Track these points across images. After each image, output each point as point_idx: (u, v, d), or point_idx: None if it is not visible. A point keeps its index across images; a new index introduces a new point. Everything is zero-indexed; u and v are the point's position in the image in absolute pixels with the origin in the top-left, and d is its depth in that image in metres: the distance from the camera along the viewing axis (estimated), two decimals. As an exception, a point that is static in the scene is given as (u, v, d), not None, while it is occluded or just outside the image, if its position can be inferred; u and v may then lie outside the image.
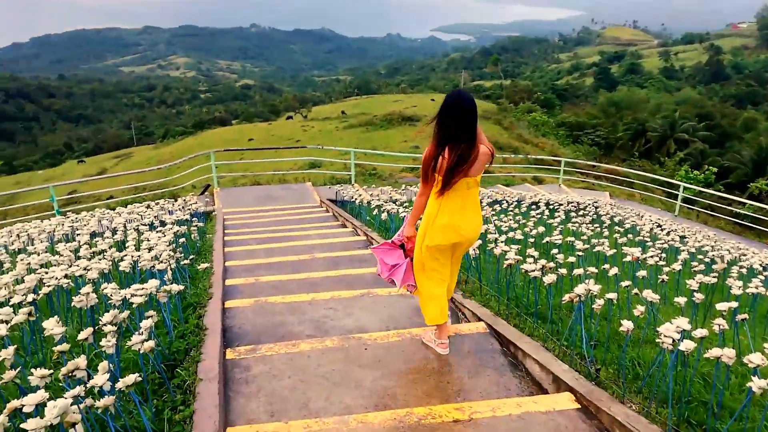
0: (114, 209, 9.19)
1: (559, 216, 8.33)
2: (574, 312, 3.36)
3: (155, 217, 7.32)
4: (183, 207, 8.91)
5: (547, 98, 60.97)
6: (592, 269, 4.13)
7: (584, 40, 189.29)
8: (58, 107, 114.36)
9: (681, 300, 3.43)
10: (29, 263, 4.35)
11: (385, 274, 3.51)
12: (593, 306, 3.30)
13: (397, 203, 8.51)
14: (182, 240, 5.65)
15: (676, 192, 15.59)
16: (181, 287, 3.60)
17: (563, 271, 3.97)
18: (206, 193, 13.57)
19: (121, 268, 4.09)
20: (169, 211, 8.17)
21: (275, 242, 7.51)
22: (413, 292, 3.45)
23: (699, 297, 3.63)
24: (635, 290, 3.90)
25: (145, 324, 2.84)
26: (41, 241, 5.92)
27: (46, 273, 3.89)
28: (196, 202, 9.93)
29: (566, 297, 3.37)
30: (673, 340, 2.63)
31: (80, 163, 53.75)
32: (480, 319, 3.90)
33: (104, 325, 2.75)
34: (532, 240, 6.38)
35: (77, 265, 4.09)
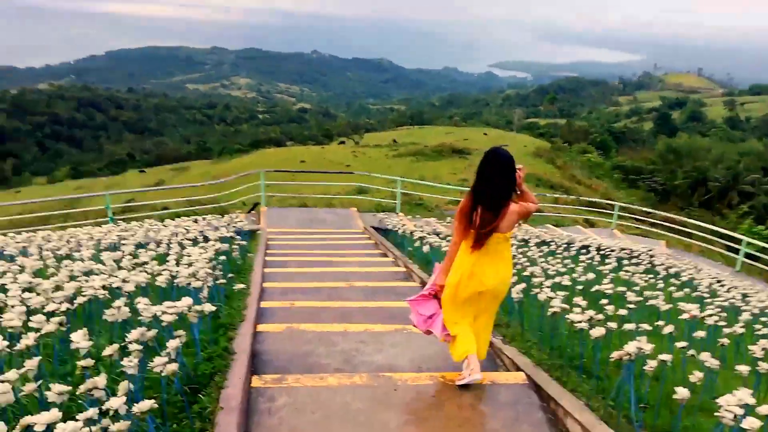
0: (163, 221, 9.39)
1: (610, 263, 7.94)
2: (623, 370, 3.11)
3: (200, 232, 7.40)
4: (228, 224, 9.00)
5: (604, 140, 59.75)
6: (645, 326, 3.85)
7: (645, 85, 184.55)
8: (125, 118, 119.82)
9: (743, 368, 3.14)
10: (72, 270, 4.41)
11: (422, 326, 3.52)
12: (644, 367, 3.05)
13: (440, 236, 8.34)
14: (223, 257, 5.65)
15: (737, 246, 14.73)
16: (214, 308, 3.55)
17: (612, 324, 3.71)
18: (253, 211, 13.76)
19: (157, 283, 4.08)
20: (214, 227, 8.25)
21: (315, 266, 7.45)
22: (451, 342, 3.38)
23: (763, 366, 3.32)
24: (691, 351, 3.60)
25: (172, 344, 2.77)
26: (88, 248, 6.05)
27: (86, 281, 3.92)
28: (241, 220, 10.04)
29: (615, 354, 3.13)
30: (735, 415, 2.38)
31: (141, 173, 55.96)
32: (519, 369, 3.67)
33: (130, 342, 2.70)
34: (580, 287, 6.07)
35: (116, 276, 4.12)
